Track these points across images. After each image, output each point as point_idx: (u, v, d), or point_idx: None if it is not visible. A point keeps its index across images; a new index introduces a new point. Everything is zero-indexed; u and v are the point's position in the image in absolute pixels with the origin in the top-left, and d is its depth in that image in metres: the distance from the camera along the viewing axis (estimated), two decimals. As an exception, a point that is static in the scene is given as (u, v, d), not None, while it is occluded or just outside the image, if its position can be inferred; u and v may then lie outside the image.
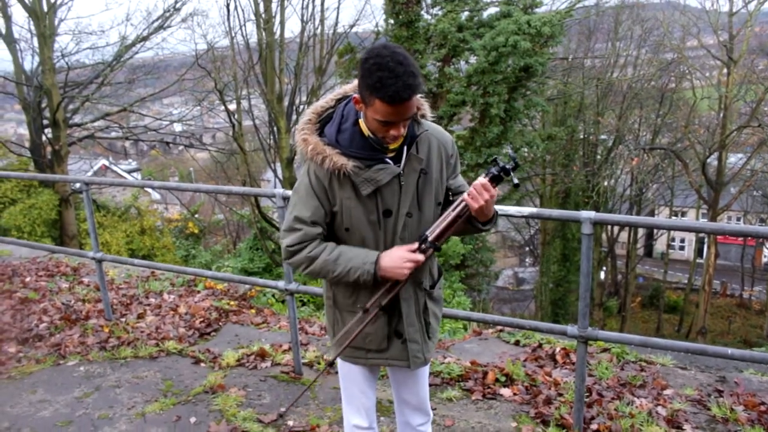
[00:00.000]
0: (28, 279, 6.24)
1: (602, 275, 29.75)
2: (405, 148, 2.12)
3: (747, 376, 3.83)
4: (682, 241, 39.72)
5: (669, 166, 25.75)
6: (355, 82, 2.14)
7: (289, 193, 3.62)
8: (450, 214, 2.10)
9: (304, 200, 2.11)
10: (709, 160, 22.29)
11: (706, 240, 29.74)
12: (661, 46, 23.74)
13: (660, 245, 38.32)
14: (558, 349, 4.25)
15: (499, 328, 4.77)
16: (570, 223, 25.07)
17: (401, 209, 2.14)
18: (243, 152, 17.52)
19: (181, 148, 27.78)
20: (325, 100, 2.17)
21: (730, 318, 30.54)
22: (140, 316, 5.13)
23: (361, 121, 2.04)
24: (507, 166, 2.03)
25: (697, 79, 23.85)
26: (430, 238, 2.10)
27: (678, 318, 30.50)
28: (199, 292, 5.80)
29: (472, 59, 16.96)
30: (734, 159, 24.98)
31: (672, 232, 35.12)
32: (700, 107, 24.36)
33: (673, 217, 31.82)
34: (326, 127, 2.12)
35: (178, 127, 25.16)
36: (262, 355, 4.28)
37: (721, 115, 20.89)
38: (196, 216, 27.03)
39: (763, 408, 3.44)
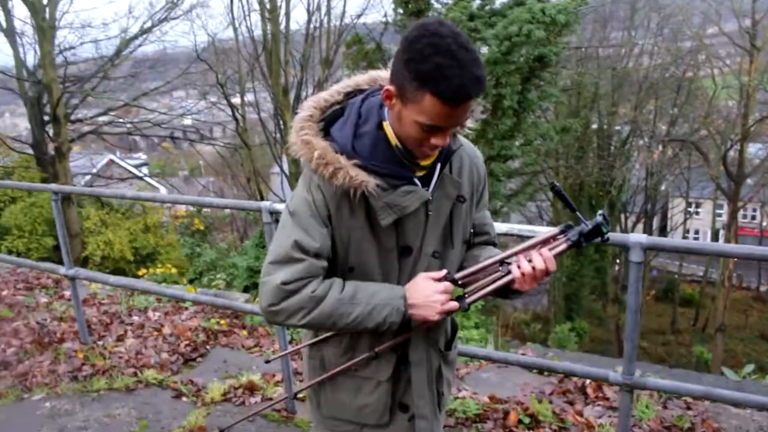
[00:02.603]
0: (5, 292, 5.77)
1: (616, 268, 29.10)
2: (438, 166, 1.61)
3: (814, 418, 3.29)
4: (697, 232, 38.94)
5: (686, 157, 25.07)
6: (371, 73, 1.65)
7: (278, 207, 3.11)
8: (491, 283, 1.59)
9: (306, 223, 1.55)
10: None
11: (723, 233, 29.10)
12: (680, 34, 23.02)
13: (673, 236, 37.56)
14: (589, 381, 3.72)
15: (521, 351, 4.25)
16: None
17: (425, 247, 1.63)
18: (247, 147, 17.07)
19: (194, 138, 27.33)
20: (330, 92, 1.63)
21: (747, 311, 29.83)
22: (120, 338, 4.63)
23: (387, 125, 1.53)
24: (590, 227, 1.53)
25: (716, 67, 23.11)
26: (468, 300, 1.58)
27: (693, 312, 29.86)
28: (187, 308, 5.29)
29: (484, 49, 16.38)
30: (752, 149, 24.28)
31: (688, 224, 34.37)
32: (718, 96, 23.65)
33: (721, 241, 31.31)
34: (333, 127, 1.58)
35: (188, 121, 24.72)
36: (251, 388, 3.77)
37: (743, 104, 20.15)
38: (204, 211, 26.63)
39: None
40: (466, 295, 1.58)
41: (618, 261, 29.73)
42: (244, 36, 17.51)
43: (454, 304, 1.55)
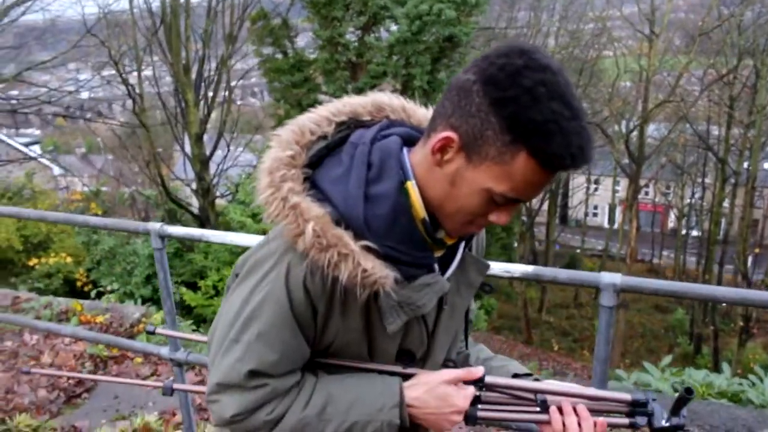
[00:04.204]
0: None
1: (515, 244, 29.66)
2: (462, 244, 1.18)
3: (766, 443, 3.11)
4: (596, 208, 40.38)
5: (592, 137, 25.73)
6: (374, 97, 1.19)
7: (169, 230, 2.56)
8: (517, 413, 1.19)
9: (273, 338, 1.08)
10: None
11: (619, 209, 30.35)
12: (584, 17, 23.45)
13: (574, 212, 38.73)
14: None
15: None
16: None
17: (434, 354, 1.21)
18: (145, 128, 15.97)
19: (89, 116, 25.59)
20: (315, 118, 1.13)
21: (642, 284, 31.29)
22: (-13, 372, 3.96)
23: (412, 186, 1.06)
24: (667, 427, 1.14)
25: (618, 50, 23.77)
26: (480, 414, 1.15)
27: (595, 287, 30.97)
28: (71, 329, 4.61)
29: (394, 28, 16.05)
30: (649, 129, 25.29)
31: (590, 199, 35.53)
32: (620, 78, 24.38)
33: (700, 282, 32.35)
34: (322, 175, 1.08)
35: (85, 95, 23.06)
36: (196, 391, 3.21)
37: (643, 87, 20.80)
38: (103, 189, 25.00)
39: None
40: (479, 405, 1.16)
41: (524, 239, 30.44)
42: (141, 8, 16.31)
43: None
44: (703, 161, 25.35)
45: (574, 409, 1.14)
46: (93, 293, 5.79)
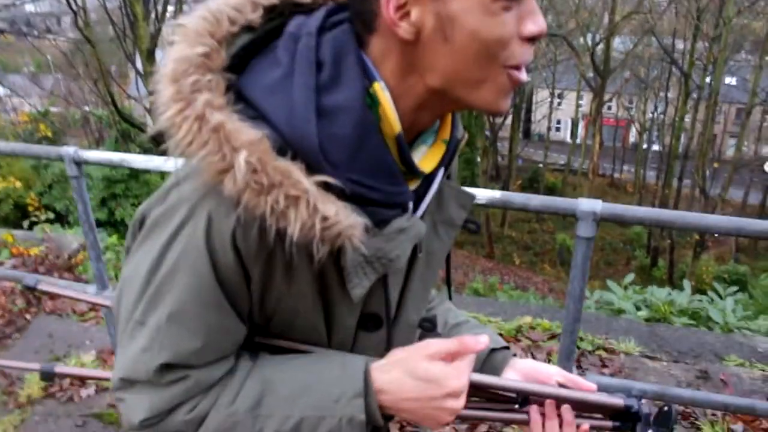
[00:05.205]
0: None
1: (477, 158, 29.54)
2: (441, 171, 0.85)
3: (734, 371, 3.00)
4: (558, 122, 40.29)
5: (554, 50, 25.34)
6: None
7: (84, 155, 2.23)
8: (497, 411, 0.98)
9: (189, 314, 0.76)
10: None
11: (582, 124, 30.35)
12: None
13: (537, 126, 38.57)
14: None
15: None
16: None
17: (407, 314, 0.91)
18: (90, 44, 15.04)
19: (35, 32, 24.12)
20: (234, 1, 0.75)
21: (603, 198, 31.59)
22: None
23: (381, 88, 0.74)
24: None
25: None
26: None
27: (557, 200, 31.30)
28: (2, 263, 4.25)
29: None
30: (615, 43, 24.95)
31: (553, 114, 35.33)
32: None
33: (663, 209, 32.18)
34: (250, 80, 0.74)
35: (30, 7, 21.69)
36: (82, 376, 2.99)
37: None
38: (53, 110, 23.88)
39: None
40: None
41: (486, 154, 30.34)
42: None
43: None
44: (667, 75, 25.24)
45: (558, 410, 0.94)
46: (25, 224, 5.41)
